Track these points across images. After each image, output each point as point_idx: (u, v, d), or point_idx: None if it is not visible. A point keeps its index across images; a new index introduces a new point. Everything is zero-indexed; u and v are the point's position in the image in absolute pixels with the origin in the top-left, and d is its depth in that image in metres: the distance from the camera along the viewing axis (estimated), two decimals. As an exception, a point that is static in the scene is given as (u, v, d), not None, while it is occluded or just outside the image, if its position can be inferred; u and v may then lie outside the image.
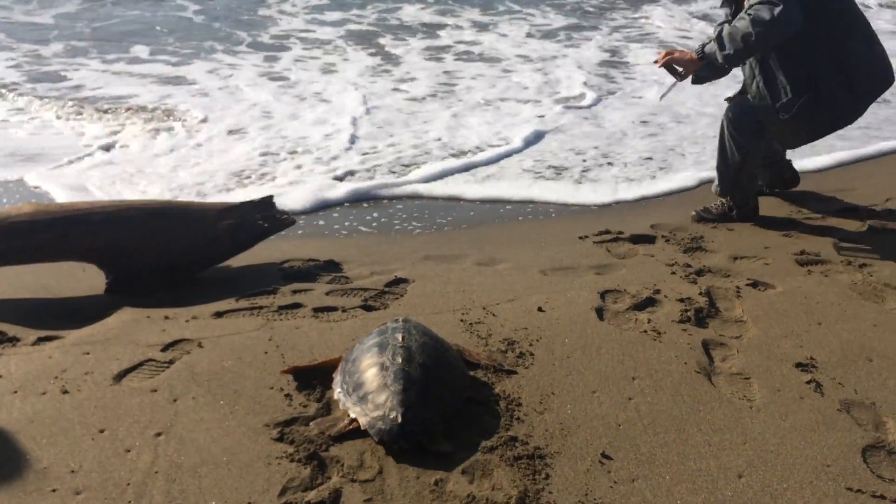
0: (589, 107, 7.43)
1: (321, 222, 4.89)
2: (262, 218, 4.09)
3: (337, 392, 2.67)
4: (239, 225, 3.99)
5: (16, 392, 2.77)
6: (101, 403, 2.69)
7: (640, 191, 5.38)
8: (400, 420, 2.42)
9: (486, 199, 5.26)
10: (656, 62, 4.45)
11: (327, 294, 3.64)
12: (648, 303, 3.44)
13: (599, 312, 3.34)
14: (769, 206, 4.87)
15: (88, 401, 2.71)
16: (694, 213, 4.66)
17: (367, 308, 3.48)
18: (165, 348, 3.09)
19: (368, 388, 2.55)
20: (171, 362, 2.97)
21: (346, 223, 4.85)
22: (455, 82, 8.26)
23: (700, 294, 3.51)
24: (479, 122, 6.91)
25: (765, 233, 4.39)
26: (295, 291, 3.69)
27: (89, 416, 2.62)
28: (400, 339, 2.67)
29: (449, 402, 2.58)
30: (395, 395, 2.47)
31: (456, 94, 7.83)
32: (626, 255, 4.10)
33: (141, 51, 9.46)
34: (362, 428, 2.47)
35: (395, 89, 7.95)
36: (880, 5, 12.64)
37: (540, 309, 3.36)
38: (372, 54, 9.46)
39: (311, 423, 2.53)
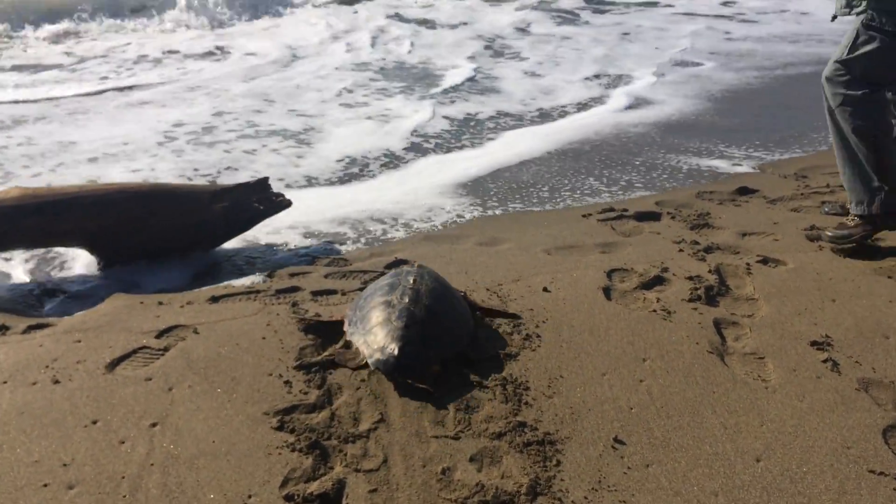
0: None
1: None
2: (257, 200, 3.99)
3: (347, 324, 2.82)
4: (233, 207, 3.89)
5: (5, 382, 2.67)
6: (94, 393, 2.59)
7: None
8: (397, 353, 2.57)
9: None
10: None
11: (326, 277, 3.54)
12: (657, 281, 3.34)
13: (606, 292, 3.24)
14: (774, 182, 4.78)
15: (80, 390, 2.61)
16: (828, 233, 3.73)
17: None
18: (160, 335, 2.98)
19: (374, 323, 2.70)
20: (165, 349, 2.87)
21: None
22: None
23: (709, 272, 3.41)
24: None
25: (772, 208, 4.29)
26: (293, 274, 3.59)
27: (82, 407, 2.52)
28: (411, 281, 2.82)
29: (448, 345, 2.71)
30: (396, 331, 2.63)
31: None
32: (631, 233, 3.99)
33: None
34: (363, 357, 2.64)
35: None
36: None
37: (545, 289, 3.26)
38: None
39: (331, 353, 2.75)
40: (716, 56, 9.18)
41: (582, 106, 7.00)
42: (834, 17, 3.76)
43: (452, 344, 2.73)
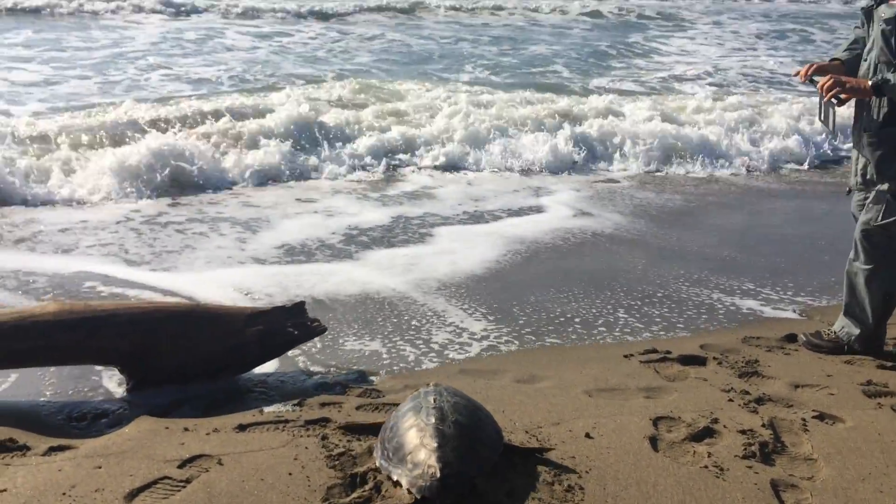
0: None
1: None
2: (292, 325, 3.92)
3: (378, 460, 2.76)
4: (268, 331, 3.82)
5: (19, 510, 2.55)
6: (109, 527, 2.45)
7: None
8: (439, 475, 2.52)
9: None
10: (798, 74, 4.07)
11: (357, 408, 3.41)
12: (706, 433, 3.16)
13: (653, 442, 3.06)
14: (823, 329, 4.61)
15: (95, 524, 2.47)
16: (803, 336, 4.32)
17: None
18: (183, 464, 2.85)
19: (407, 450, 2.65)
20: (187, 481, 2.73)
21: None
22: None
23: (763, 426, 3.22)
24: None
25: (824, 359, 4.10)
26: (323, 404, 3.47)
27: (94, 543, 2.38)
28: (432, 401, 2.82)
29: (484, 456, 2.71)
30: (432, 453, 2.58)
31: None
32: (676, 378, 3.83)
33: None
34: (404, 488, 2.56)
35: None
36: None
37: (588, 435, 3.09)
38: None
39: (359, 495, 2.65)
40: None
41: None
42: (849, 192, 4.08)
43: (488, 452, 2.75)
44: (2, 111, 9.53)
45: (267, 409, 3.41)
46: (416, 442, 2.64)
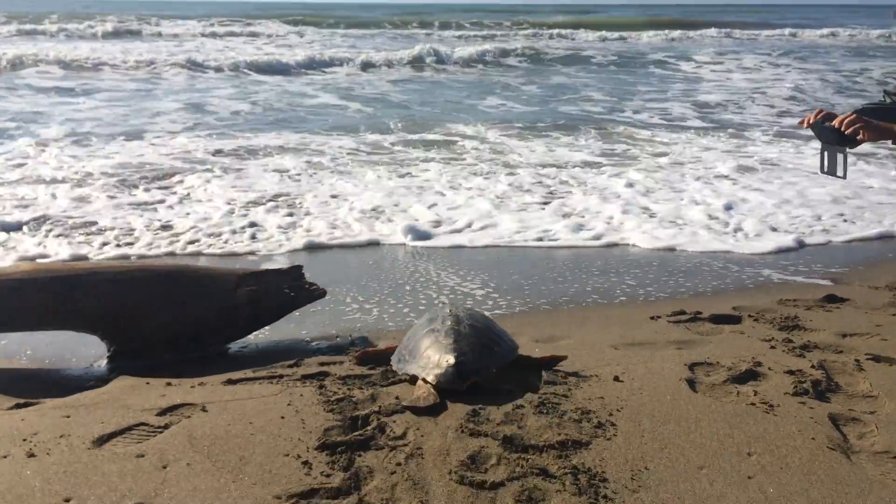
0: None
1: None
2: (288, 287, 3.61)
3: (395, 364, 2.84)
4: (262, 293, 3.50)
5: (-29, 455, 2.23)
6: (73, 469, 2.13)
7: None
8: (453, 362, 2.61)
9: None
10: (803, 123, 3.49)
11: (359, 364, 3.08)
12: (750, 375, 2.82)
13: (691, 384, 2.73)
14: (866, 292, 4.26)
15: (57, 465, 2.15)
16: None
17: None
18: (162, 412, 2.54)
19: (423, 349, 2.74)
20: (166, 426, 2.42)
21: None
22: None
23: (813, 367, 2.88)
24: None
25: (872, 313, 3.75)
26: (323, 363, 3.15)
27: (55, 483, 2.06)
28: (448, 311, 2.91)
29: (498, 354, 2.78)
30: (447, 346, 2.68)
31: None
32: (710, 333, 3.49)
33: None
34: (420, 378, 2.63)
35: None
36: None
37: (617, 378, 2.76)
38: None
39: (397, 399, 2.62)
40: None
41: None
42: None
43: (502, 352, 2.81)
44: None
45: (260, 369, 3.08)
46: (433, 340, 2.73)
